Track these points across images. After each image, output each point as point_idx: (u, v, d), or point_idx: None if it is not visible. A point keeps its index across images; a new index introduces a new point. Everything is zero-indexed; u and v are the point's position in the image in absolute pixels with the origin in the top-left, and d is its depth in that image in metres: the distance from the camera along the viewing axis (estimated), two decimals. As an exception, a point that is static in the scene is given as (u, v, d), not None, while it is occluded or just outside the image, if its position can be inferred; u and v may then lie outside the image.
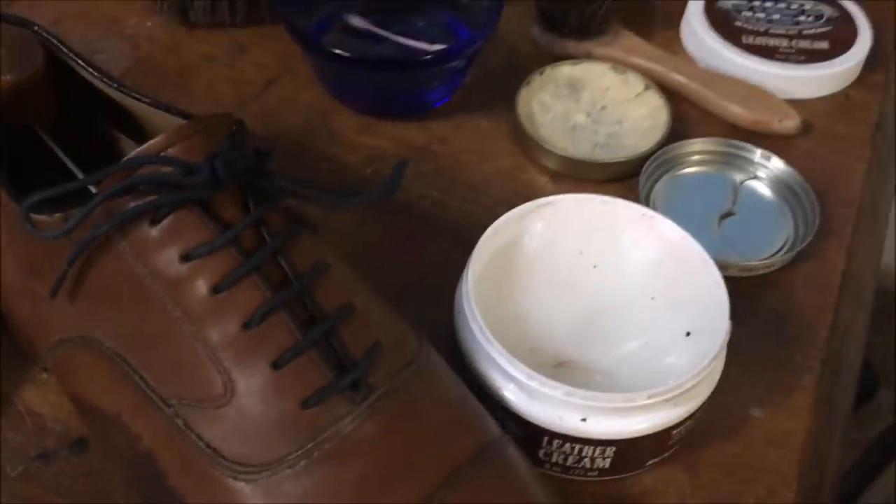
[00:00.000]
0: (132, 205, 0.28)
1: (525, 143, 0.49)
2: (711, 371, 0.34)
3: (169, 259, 0.29)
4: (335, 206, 0.31)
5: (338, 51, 0.46)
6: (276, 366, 0.29)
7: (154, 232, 0.29)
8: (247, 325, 0.29)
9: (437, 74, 0.48)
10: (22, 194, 0.31)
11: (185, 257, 0.29)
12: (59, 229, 0.29)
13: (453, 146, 0.49)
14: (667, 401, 0.33)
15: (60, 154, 0.36)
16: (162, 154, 0.28)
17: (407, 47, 0.49)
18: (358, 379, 0.29)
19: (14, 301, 0.33)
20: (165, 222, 0.28)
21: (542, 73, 0.51)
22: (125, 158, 0.28)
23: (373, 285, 0.33)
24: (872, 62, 0.54)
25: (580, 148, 0.48)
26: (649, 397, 0.32)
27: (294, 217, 0.30)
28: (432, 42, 0.50)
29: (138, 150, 0.28)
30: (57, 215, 0.30)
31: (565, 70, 0.51)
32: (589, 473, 0.35)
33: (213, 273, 0.29)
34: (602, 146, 0.48)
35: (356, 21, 0.51)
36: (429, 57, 0.47)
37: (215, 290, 0.29)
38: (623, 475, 0.36)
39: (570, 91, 0.51)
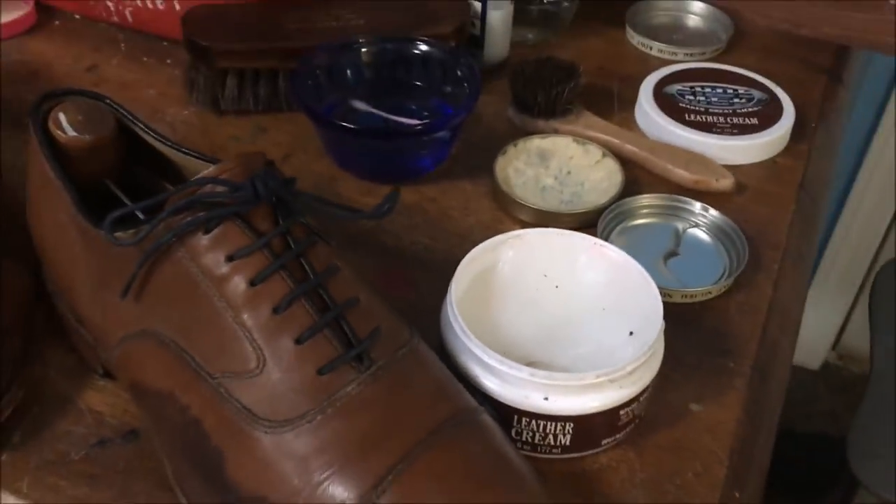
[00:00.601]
0: (189, 219, 0.37)
1: (502, 199, 0.58)
2: (649, 360, 0.42)
3: (216, 260, 0.37)
4: (345, 219, 0.40)
5: (344, 123, 0.55)
6: (298, 341, 0.37)
7: (205, 239, 0.37)
8: (276, 310, 0.37)
9: (425, 144, 0.57)
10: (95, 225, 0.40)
11: (229, 258, 0.37)
12: (130, 240, 0.38)
13: (441, 204, 0.58)
14: (612, 381, 0.41)
15: (126, 200, 0.45)
16: (214, 177, 0.37)
17: (400, 122, 0.59)
18: (362, 353, 0.37)
19: (87, 308, 0.42)
20: (215, 231, 0.37)
21: (515, 145, 0.60)
22: (189, 181, 0.37)
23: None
24: (798, 135, 0.64)
25: (549, 203, 0.57)
26: (597, 377, 0.40)
27: (313, 230, 0.39)
28: (422, 120, 0.60)
29: (197, 176, 0.37)
30: (130, 231, 0.38)
31: (535, 142, 0.61)
32: (553, 451, 0.43)
33: (250, 270, 0.37)
34: (567, 202, 0.58)
35: (358, 105, 0.61)
36: (419, 128, 0.57)
37: (252, 283, 0.37)
38: (582, 453, 0.43)
39: (540, 159, 0.60)
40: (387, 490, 0.35)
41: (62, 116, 0.43)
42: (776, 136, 0.62)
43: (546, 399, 0.41)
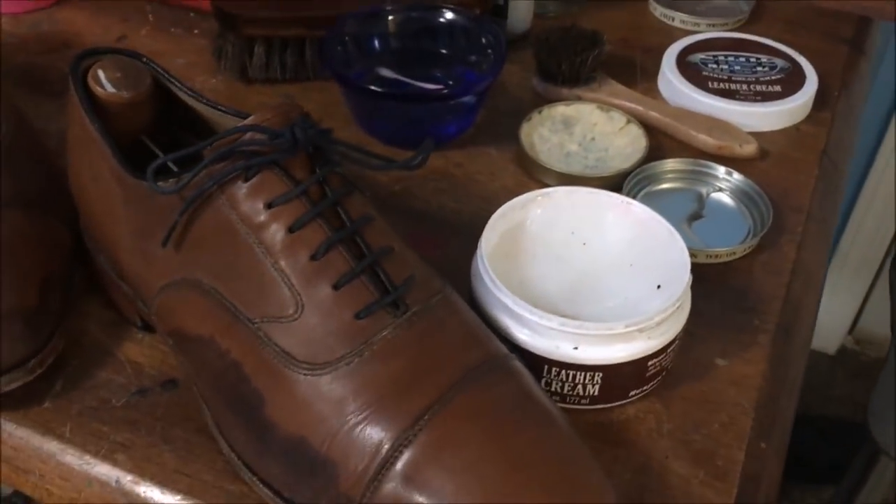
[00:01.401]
0: (229, 167, 0.38)
1: (527, 164, 0.58)
2: (677, 312, 0.43)
3: (256, 208, 0.38)
4: (379, 168, 0.41)
5: (373, 87, 0.56)
6: (335, 287, 0.38)
7: (245, 187, 0.38)
8: (314, 257, 0.38)
9: (451, 109, 0.58)
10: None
11: (268, 206, 0.38)
12: (172, 188, 0.39)
13: (467, 169, 0.59)
14: (641, 331, 0.42)
15: (161, 155, 0.46)
16: (254, 125, 0.38)
17: (426, 88, 0.60)
18: (397, 298, 0.38)
19: (128, 260, 0.43)
20: (254, 180, 0.38)
21: (540, 112, 0.61)
22: (229, 129, 0.38)
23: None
24: (820, 103, 0.65)
25: (573, 168, 0.58)
26: (626, 327, 0.41)
27: (349, 179, 0.40)
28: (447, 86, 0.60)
29: (238, 125, 0.38)
30: (171, 180, 0.39)
31: (560, 109, 0.62)
32: (582, 401, 0.43)
33: (288, 217, 0.38)
34: (591, 167, 0.58)
35: (385, 72, 0.62)
36: (445, 91, 0.57)
37: (290, 230, 0.38)
38: (610, 404, 0.44)
39: (564, 126, 0.61)
40: (423, 429, 0.36)
41: (101, 73, 0.44)
42: (799, 104, 0.63)
43: (576, 349, 0.42)
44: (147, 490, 0.40)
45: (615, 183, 0.56)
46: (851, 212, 1.44)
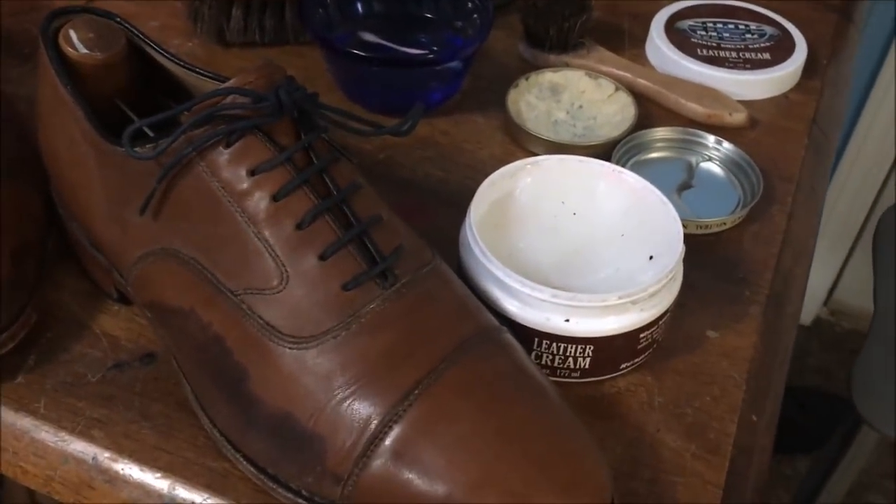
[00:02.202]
0: (209, 132, 0.36)
1: (514, 132, 0.57)
2: (669, 283, 0.42)
3: (238, 175, 0.37)
4: (367, 134, 0.39)
5: (356, 51, 0.54)
6: (322, 257, 0.36)
7: (226, 153, 0.37)
8: (299, 226, 0.36)
9: (437, 74, 0.57)
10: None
11: (251, 172, 0.36)
12: (149, 154, 0.37)
13: (454, 137, 0.57)
14: (634, 303, 0.41)
15: (136, 119, 0.44)
16: (237, 87, 0.36)
17: (412, 53, 0.58)
18: (386, 269, 0.37)
19: (103, 228, 0.41)
20: (237, 145, 0.36)
21: (527, 79, 0.60)
22: (210, 91, 0.36)
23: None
24: (809, 71, 0.64)
25: (561, 136, 0.56)
26: (619, 298, 0.40)
27: (335, 145, 0.38)
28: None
29: (218, 87, 0.36)
30: (148, 146, 0.37)
31: (547, 76, 0.60)
32: (572, 374, 0.43)
33: (273, 185, 0.36)
34: (580, 136, 0.57)
35: (368, 37, 0.60)
36: (430, 56, 0.56)
37: (274, 198, 0.36)
38: (600, 377, 0.43)
39: (552, 93, 0.60)
40: (413, 404, 0.35)
41: (73, 33, 0.42)
42: (789, 71, 0.62)
43: (567, 321, 0.41)
44: (125, 467, 0.39)
45: (604, 151, 0.55)
46: (828, 184, 1.44)
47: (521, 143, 0.57)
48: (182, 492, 0.38)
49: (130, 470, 0.39)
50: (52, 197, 0.46)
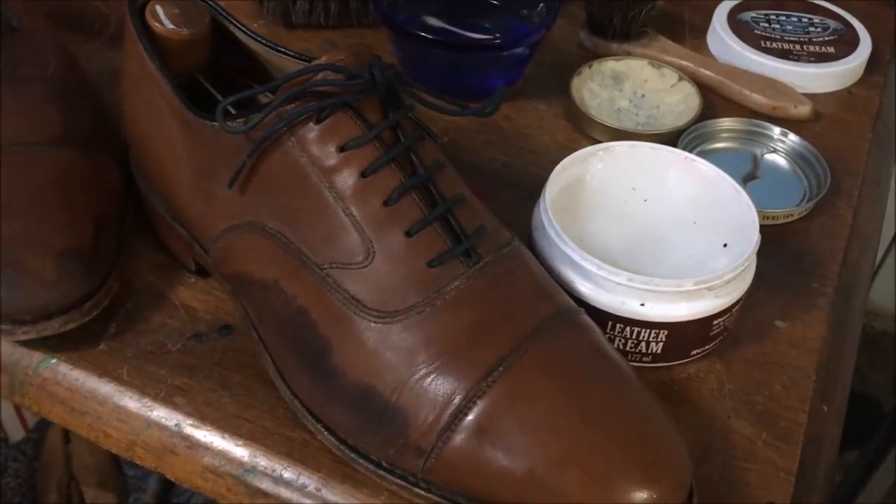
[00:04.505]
0: (301, 107, 0.37)
1: (577, 119, 0.57)
2: (744, 271, 0.42)
3: (327, 151, 0.37)
4: (452, 114, 0.40)
5: (423, 34, 0.55)
6: (408, 234, 0.37)
7: (316, 129, 0.37)
8: (386, 203, 0.37)
9: (503, 60, 0.57)
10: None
11: (341, 149, 0.37)
12: (241, 128, 0.37)
13: (516, 123, 0.58)
14: (709, 289, 0.41)
15: (218, 96, 0.45)
16: (331, 64, 0.36)
17: (477, 38, 0.59)
18: (469, 248, 0.37)
19: (186, 201, 0.42)
20: (327, 122, 0.37)
21: (590, 67, 0.60)
22: (303, 68, 0.37)
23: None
24: (872, 66, 0.63)
25: (625, 124, 0.57)
26: (695, 284, 0.40)
27: (420, 124, 0.39)
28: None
29: (312, 63, 0.37)
30: (239, 120, 0.38)
31: (610, 64, 0.60)
32: (644, 359, 0.43)
33: (361, 161, 0.37)
34: (643, 124, 0.57)
35: (432, 21, 0.61)
36: (496, 42, 0.56)
37: (363, 174, 0.37)
38: (671, 363, 0.43)
39: (615, 82, 0.60)
40: (497, 381, 0.35)
41: (160, 9, 0.43)
42: (853, 66, 0.62)
43: (643, 305, 0.41)
44: (208, 434, 0.39)
45: (668, 140, 0.55)
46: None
47: (584, 130, 0.57)
48: (262, 460, 0.39)
49: (212, 437, 0.39)
50: (131, 170, 0.47)
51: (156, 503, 1.22)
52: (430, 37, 0.55)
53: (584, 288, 0.42)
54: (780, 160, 0.56)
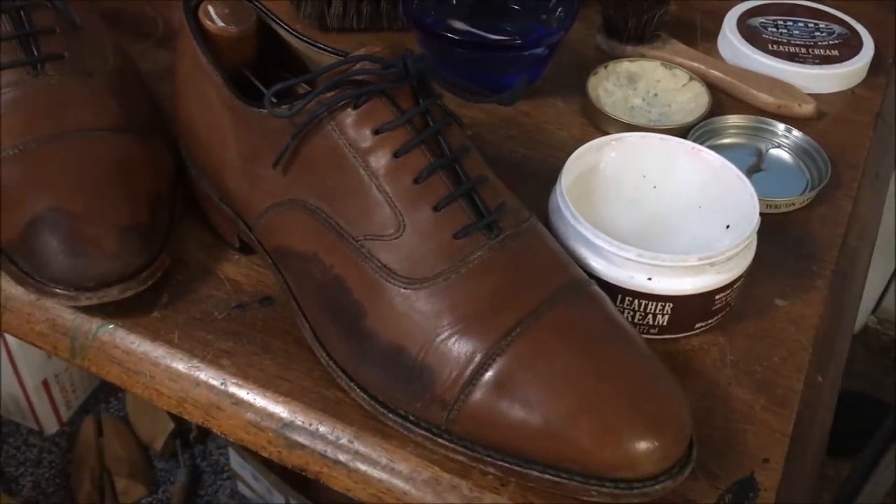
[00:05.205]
0: (340, 94, 0.41)
1: (593, 115, 0.61)
2: (745, 249, 0.46)
3: (363, 134, 0.41)
4: (475, 101, 0.44)
5: (447, 33, 0.59)
6: (436, 209, 0.41)
7: (354, 114, 0.41)
8: (416, 181, 0.41)
9: (523, 60, 0.61)
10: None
11: (376, 132, 0.41)
12: (287, 113, 0.42)
13: (535, 118, 0.62)
14: (711, 265, 0.44)
15: (262, 88, 0.49)
16: (368, 55, 0.41)
17: (500, 39, 0.63)
18: (491, 222, 0.41)
19: (233, 183, 0.46)
20: (363, 107, 0.41)
21: (606, 67, 0.64)
22: (341, 59, 0.41)
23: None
24: (875, 69, 0.67)
25: (638, 121, 0.60)
26: (699, 259, 0.44)
27: (448, 111, 0.43)
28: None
29: (351, 54, 0.41)
30: (284, 106, 0.42)
31: (625, 65, 0.64)
32: (651, 330, 0.46)
33: (394, 143, 0.41)
34: (655, 121, 0.61)
35: (458, 24, 0.65)
36: (518, 42, 0.60)
37: (395, 155, 0.41)
38: (676, 335, 0.47)
39: (629, 82, 0.64)
40: (515, 341, 0.39)
41: (211, 9, 0.47)
42: (857, 67, 0.65)
43: (649, 279, 0.45)
44: (251, 393, 0.43)
45: (678, 136, 0.58)
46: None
47: (599, 126, 0.61)
48: (300, 416, 0.43)
49: (255, 395, 0.43)
50: (182, 157, 0.51)
51: (183, 495, 1.26)
52: (456, 37, 0.59)
53: (596, 263, 0.45)
54: (784, 154, 0.59)
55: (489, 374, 0.38)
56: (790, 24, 0.69)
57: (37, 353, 1.21)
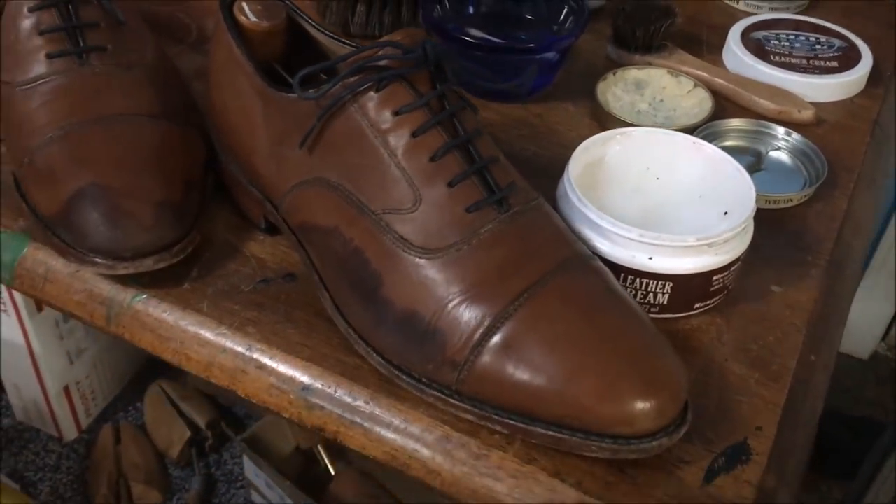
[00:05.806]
0: (363, 79, 0.44)
1: (602, 118, 0.64)
2: (741, 232, 0.48)
3: (384, 115, 0.44)
4: (488, 84, 0.47)
5: (465, 37, 0.63)
6: (450, 185, 0.44)
7: (375, 97, 0.44)
8: (432, 159, 0.44)
9: (536, 64, 0.64)
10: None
11: (395, 113, 0.44)
12: (314, 95, 0.45)
13: (546, 119, 0.65)
14: (710, 246, 0.47)
15: (289, 79, 0.52)
16: (391, 42, 0.44)
17: (513, 43, 0.66)
18: (502, 198, 0.44)
19: (262, 165, 0.49)
20: (385, 91, 0.44)
21: (614, 74, 0.67)
22: (365, 46, 0.44)
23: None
24: (875, 80, 0.70)
25: (643, 123, 0.63)
26: (697, 240, 0.47)
27: (463, 96, 0.46)
28: (532, 46, 0.67)
29: (376, 42, 0.45)
30: (310, 90, 0.46)
31: (632, 73, 0.67)
32: (651, 309, 0.49)
33: (412, 124, 0.44)
34: (660, 124, 0.64)
35: (475, 32, 0.68)
36: (531, 46, 0.64)
37: (413, 135, 0.44)
38: (676, 314, 0.50)
39: (636, 88, 0.67)
40: (521, 306, 0.41)
41: (245, 5, 0.51)
42: (855, 78, 0.68)
43: (651, 259, 0.47)
44: (274, 358, 0.46)
45: (683, 137, 0.62)
46: (889, 219, 1.47)
47: (607, 127, 0.63)
48: (320, 380, 0.45)
49: (278, 361, 0.46)
50: (213, 144, 0.54)
51: (198, 503, 1.28)
52: (472, 41, 0.63)
53: (600, 244, 0.48)
54: (784, 156, 0.62)
55: (497, 337, 0.41)
56: (792, 37, 0.72)
57: (59, 360, 1.24)
